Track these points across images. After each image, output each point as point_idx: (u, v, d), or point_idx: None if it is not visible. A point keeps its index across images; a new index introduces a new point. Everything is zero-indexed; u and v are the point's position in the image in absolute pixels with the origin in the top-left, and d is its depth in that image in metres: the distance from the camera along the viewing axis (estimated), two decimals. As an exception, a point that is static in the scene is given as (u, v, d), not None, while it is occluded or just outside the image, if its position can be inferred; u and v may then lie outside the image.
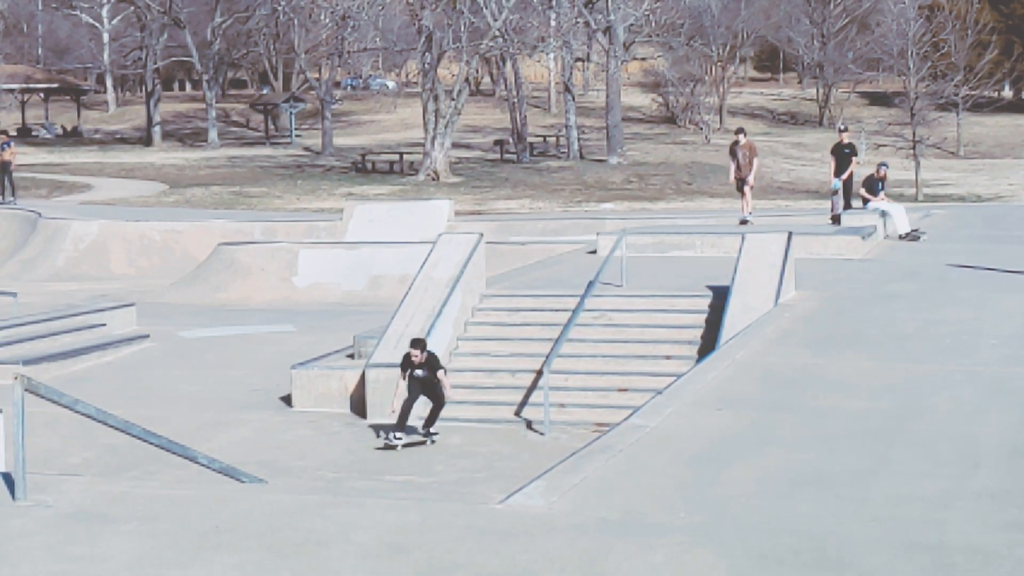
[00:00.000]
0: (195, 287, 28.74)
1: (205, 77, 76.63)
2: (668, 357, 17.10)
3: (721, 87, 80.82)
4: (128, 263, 34.24)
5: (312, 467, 14.04)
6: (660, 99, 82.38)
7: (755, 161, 28.21)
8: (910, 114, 54.56)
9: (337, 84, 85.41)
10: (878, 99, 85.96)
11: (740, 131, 28.65)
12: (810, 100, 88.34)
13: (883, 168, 28.69)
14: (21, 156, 68.82)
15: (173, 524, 8.28)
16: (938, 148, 66.68)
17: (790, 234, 18.93)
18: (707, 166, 59.65)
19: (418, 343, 15.36)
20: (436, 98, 55.65)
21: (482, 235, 19.30)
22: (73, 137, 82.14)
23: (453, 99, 55.95)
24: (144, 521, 8.36)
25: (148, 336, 21.91)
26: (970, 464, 9.72)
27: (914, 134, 52.77)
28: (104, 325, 22.02)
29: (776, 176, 58.68)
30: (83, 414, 9.17)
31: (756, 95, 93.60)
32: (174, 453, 9.80)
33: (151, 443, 9.69)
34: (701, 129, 71.64)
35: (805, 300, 17.83)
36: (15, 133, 78.26)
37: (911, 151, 51.98)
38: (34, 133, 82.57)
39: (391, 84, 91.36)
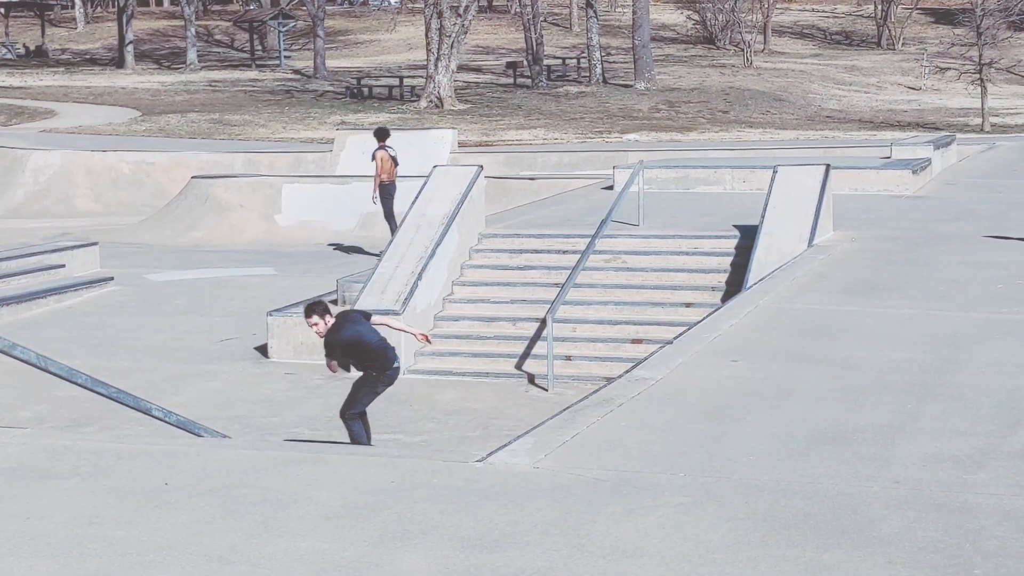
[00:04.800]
0: (166, 225, 28.88)
1: (183, -10, 76.47)
2: (688, 305, 17.19)
3: (766, 2, 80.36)
4: (94, 198, 34.41)
5: (288, 423, 14.20)
6: (696, 16, 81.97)
7: None
8: (976, 33, 54.24)
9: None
10: (944, 16, 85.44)
11: None
12: (867, 17, 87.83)
13: None
14: (-24, 79, 69.07)
15: (118, 480, 8.42)
16: (1010, 72, 66.33)
17: (827, 167, 18.96)
18: (747, 92, 59.47)
19: (312, 309, 12.47)
20: (440, 14, 55.46)
21: (481, 167, 19.36)
22: (37, 58, 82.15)
23: (459, 15, 55.76)
24: (87, 477, 8.51)
25: (112, 279, 22.05)
26: (1009, 421, 9.80)
27: (980, 56, 52.48)
28: (63, 266, 22.16)
29: (825, 103, 58.49)
30: (21, 360, 9.30)
31: (806, 11, 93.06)
32: (124, 404, 9.94)
33: (99, 393, 9.83)
34: (742, 51, 71.31)
35: (843, 241, 17.88)
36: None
37: (977, 75, 51.74)
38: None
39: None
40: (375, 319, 12.80)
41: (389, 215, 24.49)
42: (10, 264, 21.59)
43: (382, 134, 25.44)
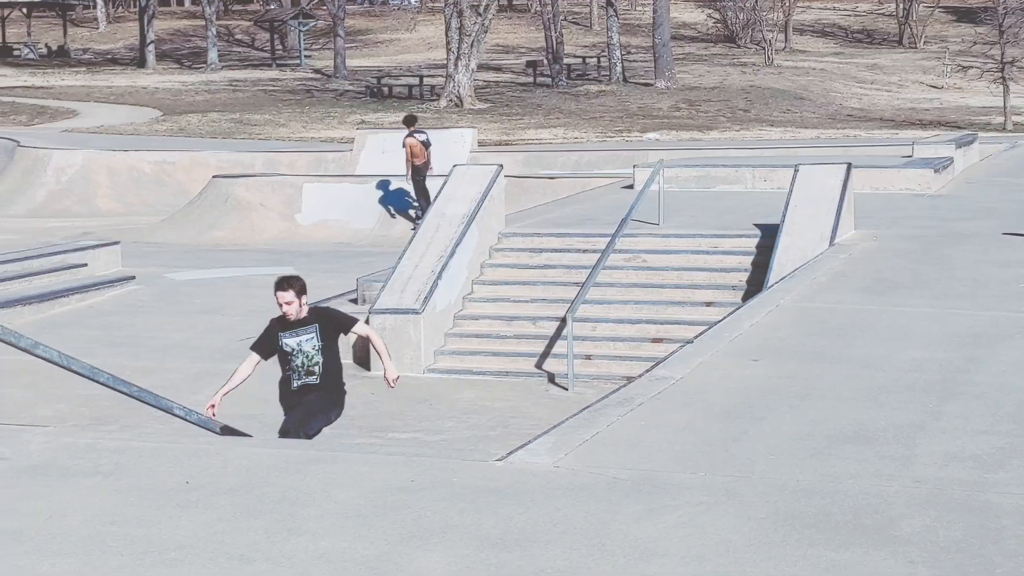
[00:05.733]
0: (186, 225, 28.97)
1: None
2: (709, 304, 17.18)
3: (787, 1, 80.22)
4: (115, 198, 34.55)
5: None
6: (717, 15, 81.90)
7: None
8: (999, 32, 54.07)
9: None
10: (966, 15, 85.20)
11: None
12: (888, 16, 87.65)
13: None
14: (1, 78, 69.35)
15: (139, 479, 8.45)
16: (1031, 71, 66.10)
17: (849, 165, 18.94)
18: (767, 91, 59.39)
19: (290, 282, 10.91)
20: (460, 13, 55.49)
21: (501, 166, 19.37)
22: (59, 58, 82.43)
23: (479, 14, 55.79)
24: (108, 475, 8.53)
25: (133, 278, 22.13)
26: (1031, 420, 9.77)
27: (1002, 54, 52.32)
28: (85, 265, 22.25)
29: (846, 102, 58.39)
30: (44, 358, 9.33)
31: (827, 10, 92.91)
32: (146, 403, 9.97)
33: (120, 391, 9.86)
34: (763, 49, 71.21)
35: (864, 240, 17.85)
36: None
37: (999, 73, 51.58)
38: (15, 53, 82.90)
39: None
40: (358, 328, 11.20)
41: (421, 193, 25.52)
42: (33, 263, 21.68)
43: (410, 121, 26.50)
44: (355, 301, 17.88)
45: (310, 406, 10.84)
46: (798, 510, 7.82)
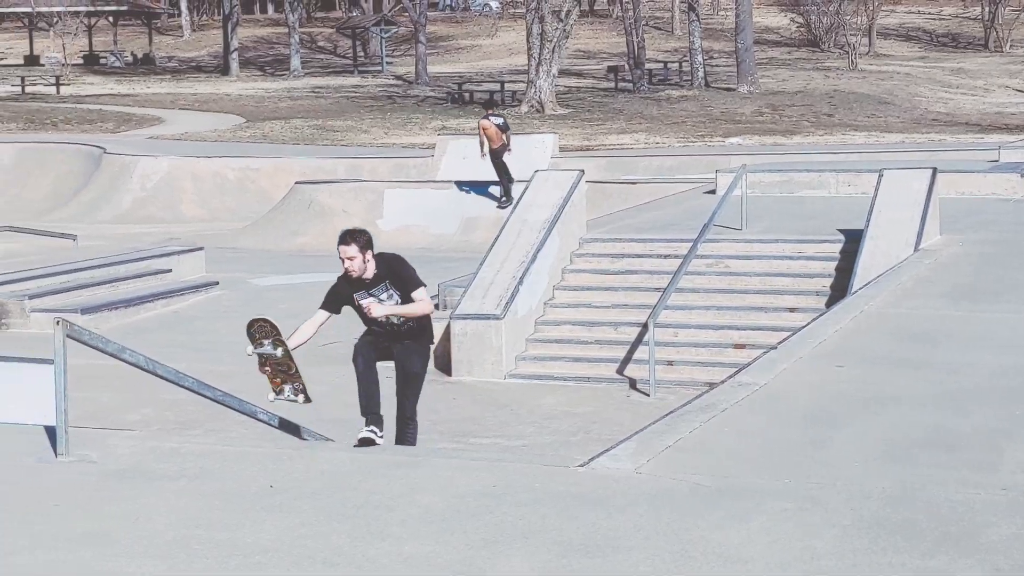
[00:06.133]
0: (270, 230, 29.20)
1: (287, -3, 77.23)
2: (792, 310, 17.08)
3: (871, 5, 79.57)
4: (199, 204, 34.89)
5: (389, 427, 14.25)
6: (800, 19, 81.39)
7: None
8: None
9: (434, 4, 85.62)
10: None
11: None
12: (974, 20, 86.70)
13: None
14: (87, 86, 70.33)
15: (224, 483, 8.54)
16: (1122, 74, 65.21)
17: (935, 170, 18.77)
18: (851, 95, 58.98)
19: (353, 236, 10.27)
20: (542, 19, 55.55)
21: (583, 172, 19.37)
22: (144, 65, 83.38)
23: (561, 20, 55.81)
24: (193, 479, 8.63)
25: (217, 283, 22.34)
26: (1121, 428, 9.64)
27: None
28: (170, 271, 22.49)
29: (931, 106, 57.85)
30: (130, 363, 9.46)
31: (911, 14, 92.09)
32: (230, 407, 10.07)
33: (205, 396, 9.97)
34: (846, 53, 70.70)
35: (950, 245, 17.68)
36: (81, 60, 79.82)
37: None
38: (102, 61, 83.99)
39: (494, 4, 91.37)
40: (417, 294, 10.43)
41: (501, 170, 26.10)
42: (119, 269, 21.96)
43: (488, 104, 27.15)
44: (436, 307, 17.93)
45: (406, 376, 10.45)
46: (883, 517, 7.77)
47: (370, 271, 10.24)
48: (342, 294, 10.35)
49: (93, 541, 7.47)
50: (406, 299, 10.25)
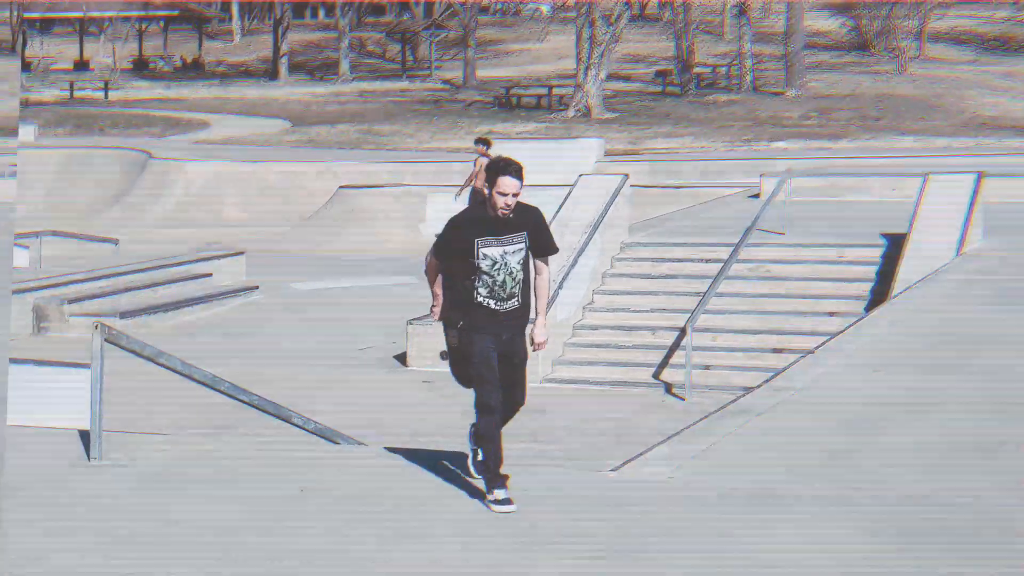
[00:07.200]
0: (312, 234, 29.31)
1: (339, 2, 77.40)
2: (832, 314, 17.01)
3: (923, 8, 79.07)
4: (242, 208, 35.03)
5: (424, 431, 14.30)
6: (851, 23, 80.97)
7: None
8: None
9: (485, 8, 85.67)
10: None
11: None
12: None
13: None
14: (136, 91, 70.81)
15: (256, 486, 8.57)
16: None
17: (979, 175, 18.63)
18: (900, 100, 58.66)
19: (520, 170, 8.22)
20: (592, 23, 55.49)
21: (627, 176, 19.34)
22: (194, 70, 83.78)
23: (611, 24, 55.74)
24: (227, 483, 8.67)
25: (257, 288, 22.44)
26: None
27: None
28: (210, 275, 22.60)
29: (980, 110, 57.44)
30: (167, 367, 9.50)
31: (962, 18, 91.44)
32: (265, 411, 10.11)
33: (240, 400, 10.01)
34: (896, 57, 70.30)
35: (993, 250, 17.56)
36: (130, 66, 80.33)
37: None
38: (151, 65, 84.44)
39: (546, 7, 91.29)
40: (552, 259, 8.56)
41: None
42: (159, 274, 22.09)
43: (487, 142, 26.13)
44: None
45: (522, 362, 8.55)
46: (917, 522, 7.74)
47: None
48: (466, 241, 7.99)
49: (125, 544, 7.51)
50: (538, 258, 8.30)
